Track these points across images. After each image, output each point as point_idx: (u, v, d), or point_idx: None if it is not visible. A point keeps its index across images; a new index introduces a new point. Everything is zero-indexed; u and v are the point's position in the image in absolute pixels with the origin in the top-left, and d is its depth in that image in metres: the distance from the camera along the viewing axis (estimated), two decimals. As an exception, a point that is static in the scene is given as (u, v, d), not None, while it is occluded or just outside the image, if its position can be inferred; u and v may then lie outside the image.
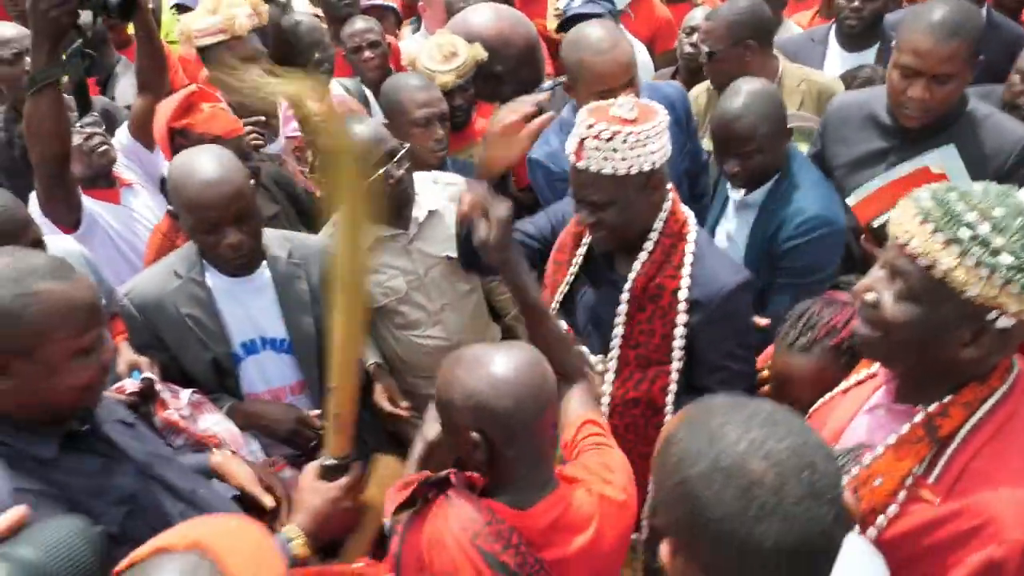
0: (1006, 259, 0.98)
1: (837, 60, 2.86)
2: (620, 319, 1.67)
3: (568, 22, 2.75)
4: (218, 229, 1.76)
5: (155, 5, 3.75)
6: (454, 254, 2.12)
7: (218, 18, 2.39)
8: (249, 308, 1.93)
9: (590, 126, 1.54)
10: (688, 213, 1.71)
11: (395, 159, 2.04)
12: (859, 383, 1.30)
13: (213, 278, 1.89)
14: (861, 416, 1.23)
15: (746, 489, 0.73)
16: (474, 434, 1.19)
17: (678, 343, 1.64)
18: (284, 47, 2.75)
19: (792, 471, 0.74)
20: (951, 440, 1.08)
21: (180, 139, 2.13)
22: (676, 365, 1.65)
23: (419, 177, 2.21)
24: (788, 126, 2.03)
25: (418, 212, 2.17)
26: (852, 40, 2.85)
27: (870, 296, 1.11)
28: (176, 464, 1.50)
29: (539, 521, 1.21)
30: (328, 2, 3.54)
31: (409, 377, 2.27)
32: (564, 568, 1.21)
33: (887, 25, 2.81)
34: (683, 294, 1.63)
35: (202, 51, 2.47)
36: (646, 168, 1.56)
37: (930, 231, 1.02)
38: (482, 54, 2.70)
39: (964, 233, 0.99)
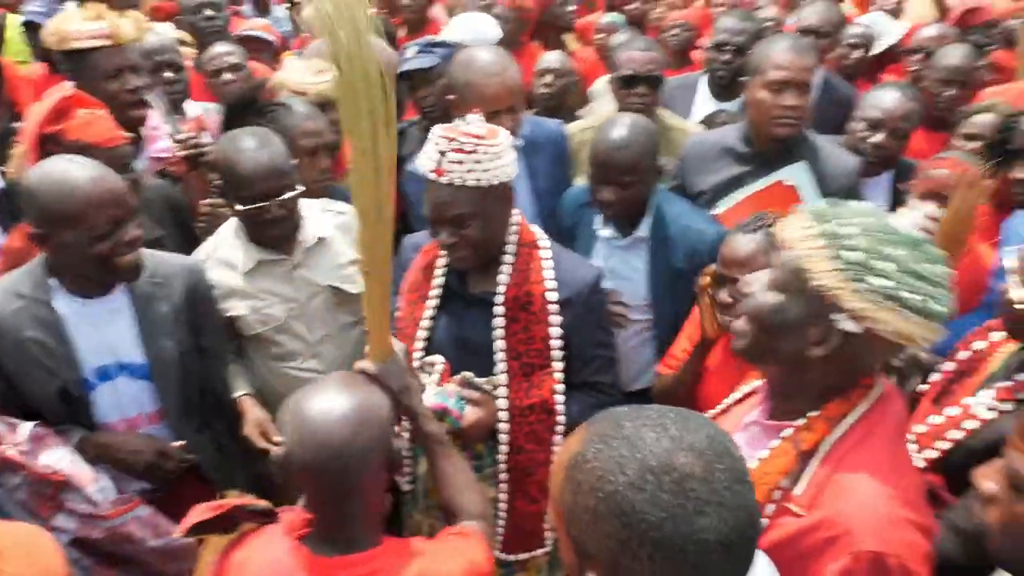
0: (854, 255, 1.06)
1: (706, 106, 3.13)
2: (499, 332, 1.69)
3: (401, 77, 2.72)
4: (118, 227, 1.65)
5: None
6: (339, 283, 2.11)
7: (103, 24, 2.30)
8: (104, 331, 1.77)
9: (450, 139, 1.56)
10: (533, 225, 1.80)
11: (281, 197, 1.95)
12: (739, 401, 1.37)
13: (62, 299, 1.74)
14: (738, 433, 1.28)
15: (679, 483, 0.72)
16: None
17: (556, 343, 1.71)
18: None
19: (714, 459, 0.74)
20: (814, 453, 1.12)
21: (51, 146, 1.93)
22: (558, 365, 1.72)
23: (307, 204, 2.12)
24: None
25: (305, 238, 2.08)
26: (721, 89, 3.13)
27: (747, 288, 1.21)
28: None
29: (344, 574, 1.18)
30: (194, 26, 3.44)
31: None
32: None
33: None
34: (552, 295, 1.70)
35: (69, 55, 2.31)
36: (504, 179, 1.61)
37: (802, 226, 1.12)
38: None
39: (827, 228, 1.09)
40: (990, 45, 3.65)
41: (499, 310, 1.69)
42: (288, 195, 1.95)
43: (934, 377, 1.62)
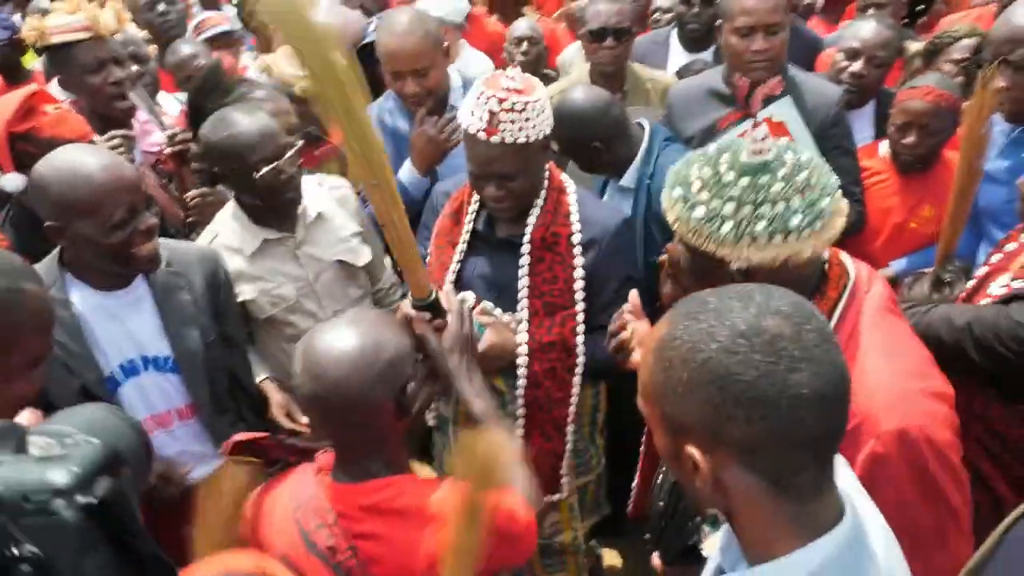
0: (697, 211, 1.11)
1: (680, 60, 3.18)
2: (524, 271, 1.75)
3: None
4: (133, 216, 1.60)
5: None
6: (344, 257, 2.11)
7: (80, 16, 2.24)
8: (126, 325, 1.73)
9: (501, 100, 1.59)
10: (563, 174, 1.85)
11: (288, 154, 1.94)
12: None
13: (79, 294, 1.69)
14: None
15: (771, 344, 0.74)
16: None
17: (579, 284, 1.75)
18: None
19: (802, 321, 0.76)
20: None
21: (23, 144, 1.89)
22: (580, 306, 1.76)
23: (304, 179, 2.11)
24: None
25: (305, 215, 2.07)
26: (692, 42, 3.20)
27: (671, 255, 1.25)
28: None
29: (360, 498, 1.22)
30: (150, 23, 3.38)
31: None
32: (377, 563, 1.19)
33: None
34: (576, 238, 1.76)
35: (51, 51, 2.27)
36: (547, 132, 1.67)
37: (675, 206, 1.17)
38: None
39: (676, 193, 1.15)
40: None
41: (525, 248, 1.75)
42: (294, 150, 1.95)
43: (972, 283, 1.71)
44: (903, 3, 3.26)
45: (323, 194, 2.14)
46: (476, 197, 1.83)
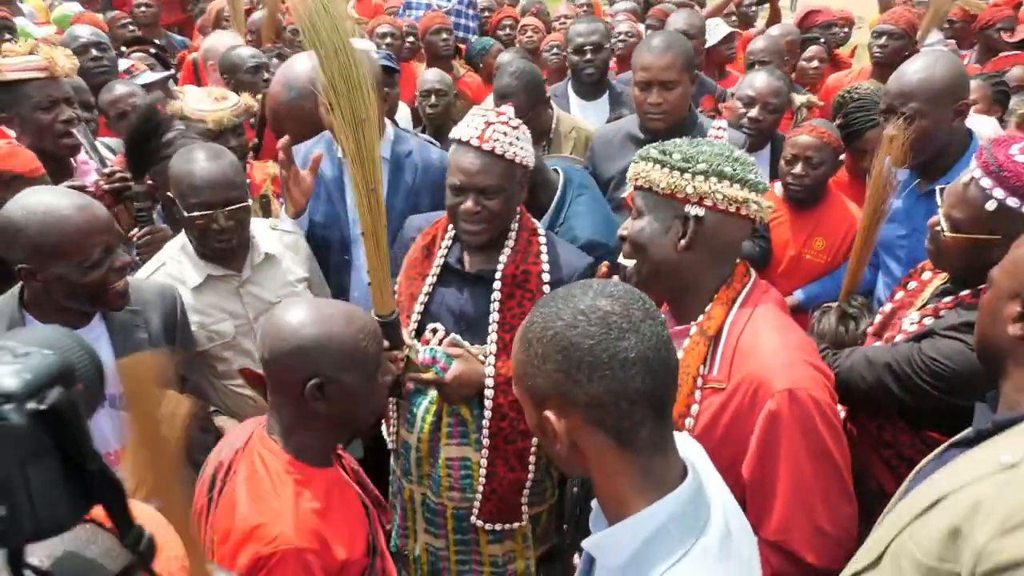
0: (676, 157, 1.36)
1: (577, 108, 3.44)
2: (495, 305, 1.82)
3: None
4: (108, 254, 1.64)
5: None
6: (288, 300, 2.13)
7: (37, 57, 2.32)
8: (83, 364, 1.73)
9: (497, 114, 1.73)
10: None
11: (228, 208, 1.97)
12: None
13: None
14: None
15: (604, 318, 0.89)
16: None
17: None
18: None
19: (630, 302, 0.92)
20: (720, 335, 1.36)
21: None
22: None
23: (256, 223, 2.16)
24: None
25: (253, 255, 2.11)
26: (587, 89, 3.47)
27: (623, 231, 1.45)
28: None
29: (250, 452, 1.37)
30: (84, 69, 3.38)
31: (235, 431, 2.15)
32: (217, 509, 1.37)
33: (618, 82, 3.52)
34: (546, 276, 1.84)
35: (2, 86, 2.31)
36: (528, 163, 1.77)
37: (636, 163, 1.42)
38: (253, 103, 2.67)
39: (653, 153, 1.39)
40: (827, 41, 4.21)
41: (497, 284, 1.81)
42: (236, 206, 1.98)
43: (877, 319, 1.87)
44: (785, 60, 3.63)
45: (274, 237, 2.19)
46: (450, 232, 1.91)
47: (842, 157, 2.59)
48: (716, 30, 4.25)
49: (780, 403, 1.26)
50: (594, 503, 1.00)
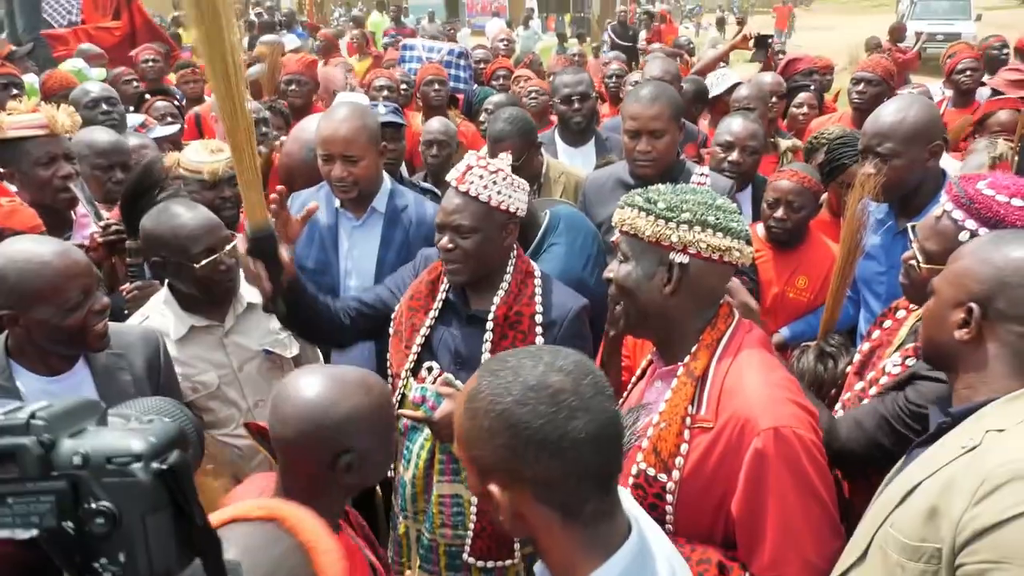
0: (660, 206, 1.39)
1: (565, 155, 3.51)
2: (487, 346, 1.84)
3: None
4: (87, 297, 1.66)
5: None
6: (273, 348, 2.15)
7: (39, 115, 2.41)
8: (67, 408, 1.75)
9: (479, 158, 1.78)
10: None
11: (227, 247, 2.03)
12: (639, 379, 1.63)
13: (25, 380, 1.70)
14: (647, 392, 1.53)
15: (553, 396, 0.89)
16: None
17: None
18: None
19: (580, 377, 0.92)
20: (707, 375, 1.39)
21: None
22: None
23: (241, 272, 2.17)
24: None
25: (237, 304, 2.14)
26: (574, 137, 3.53)
27: (608, 274, 1.47)
28: None
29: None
30: (94, 123, 3.48)
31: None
32: None
33: (604, 128, 3.61)
34: (539, 318, 1.86)
35: (3, 143, 2.41)
36: (511, 209, 1.80)
37: (621, 208, 1.46)
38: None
39: (638, 200, 1.43)
40: (808, 88, 4.32)
41: (490, 325, 1.84)
42: (233, 243, 2.01)
43: (856, 357, 1.88)
44: (769, 107, 3.72)
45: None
46: None
47: (823, 199, 2.64)
48: (722, 80, 4.33)
49: (766, 441, 1.28)
50: (537, 566, 1.00)
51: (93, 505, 0.53)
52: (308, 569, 0.76)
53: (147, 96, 4.15)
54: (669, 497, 1.36)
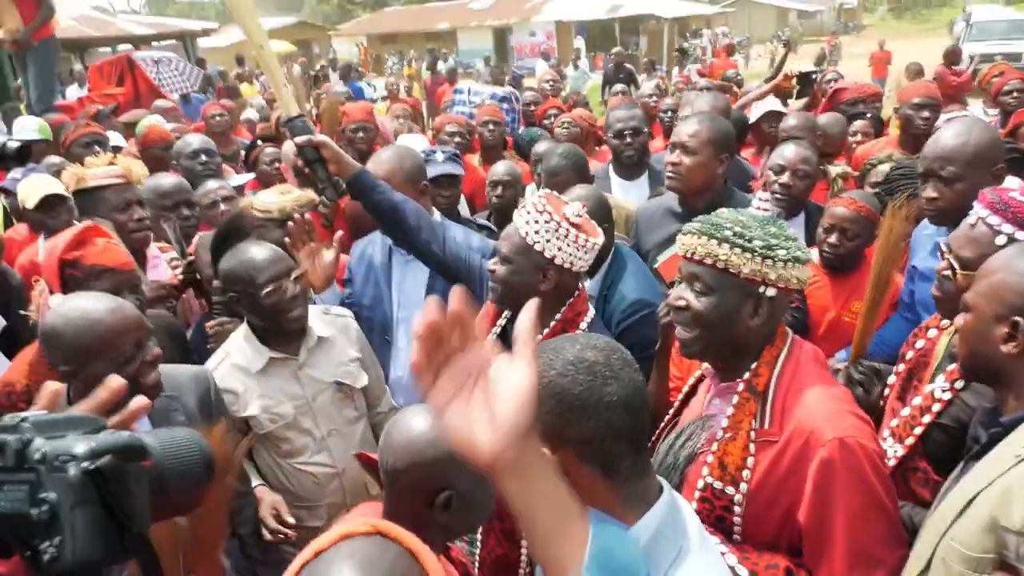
0: (757, 244, 1.42)
1: (619, 188, 3.61)
2: None
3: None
4: (140, 349, 1.74)
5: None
6: (343, 379, 2.26)
7: (116, 167, 2.71)
8: (127, 454, 1.87)
9: (541, 198, 1.89)
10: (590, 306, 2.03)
11: (291, 275, 2.17)
12: (692, 392, 1.67)
13: None
14: (707, 409, 1.57)
15: (590, 368, 1.05)
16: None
17: None
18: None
19: (610, 353, 1.08)
20: (768, 391, 1.44)
21: (71, 270, 2.09)
22: None
23: (310, 309, 2.31)
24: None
25: (308, 339, 2.25)
26: (628, 171, 3.65)
27: (680, 302, 1.49)
28: None
29: None
30: (191, 171, 3.79)
31: (293, 508, 2.20)
32: None
33: (652, 160, 3.69)
34: None
35: (83, 192, 2.71)
36: (549, 255, 1.84)
37: (706, 239, 1.45)
38: (314, 197, 2.93)
39: (727, 235, 1.43)
40: (865, 115, 4.32)
41: None
42: (298, 271, 2.19)
43: (891, 380, 1.88)
44: (817, 136, 3.74)
45: (326, 320, 2.34)
46: None
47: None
48: (759, 107, 4.40)
49: (831, 451, 1.33)
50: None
51: (43, 495, 0.63)
52: (418, 569, 0.85)
53: (258, 143, 4.42)
54: (737, 509, 1.41)
